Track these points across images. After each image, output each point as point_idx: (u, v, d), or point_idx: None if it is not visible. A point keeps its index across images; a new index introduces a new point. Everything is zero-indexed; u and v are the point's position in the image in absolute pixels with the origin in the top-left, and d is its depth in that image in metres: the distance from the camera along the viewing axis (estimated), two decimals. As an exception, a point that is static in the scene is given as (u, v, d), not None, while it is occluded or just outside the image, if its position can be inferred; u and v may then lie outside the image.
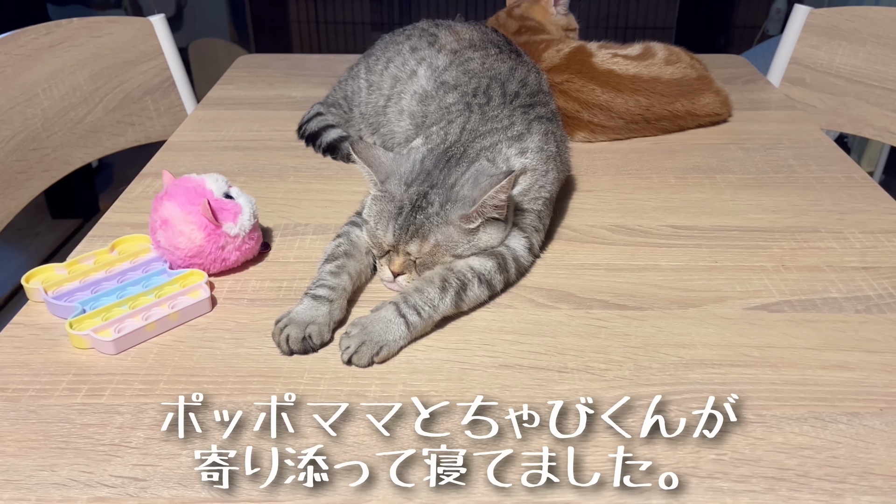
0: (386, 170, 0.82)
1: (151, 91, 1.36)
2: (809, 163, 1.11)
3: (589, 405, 0.65)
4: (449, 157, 0.83)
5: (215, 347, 0.75)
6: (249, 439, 0.63)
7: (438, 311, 0.76)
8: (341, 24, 3.96)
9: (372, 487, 0.59)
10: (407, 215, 0.79)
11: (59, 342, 0.75)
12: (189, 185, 0.84)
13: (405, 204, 0.80)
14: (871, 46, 1.34)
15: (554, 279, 0.85)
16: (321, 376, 0.71)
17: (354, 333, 0.73)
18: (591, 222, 0.97)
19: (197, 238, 0.82)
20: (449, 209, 0.79)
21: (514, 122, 0.90)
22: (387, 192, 0.82)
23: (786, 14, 3.48)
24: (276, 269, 0.88)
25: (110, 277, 0.84)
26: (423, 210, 0.79)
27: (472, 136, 0.87)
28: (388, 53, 1.14)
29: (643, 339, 0.75)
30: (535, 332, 0.77)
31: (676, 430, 0.64)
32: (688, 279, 0.85)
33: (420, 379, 0.70)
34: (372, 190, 0.84)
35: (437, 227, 0.79)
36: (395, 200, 0.81)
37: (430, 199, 0.79)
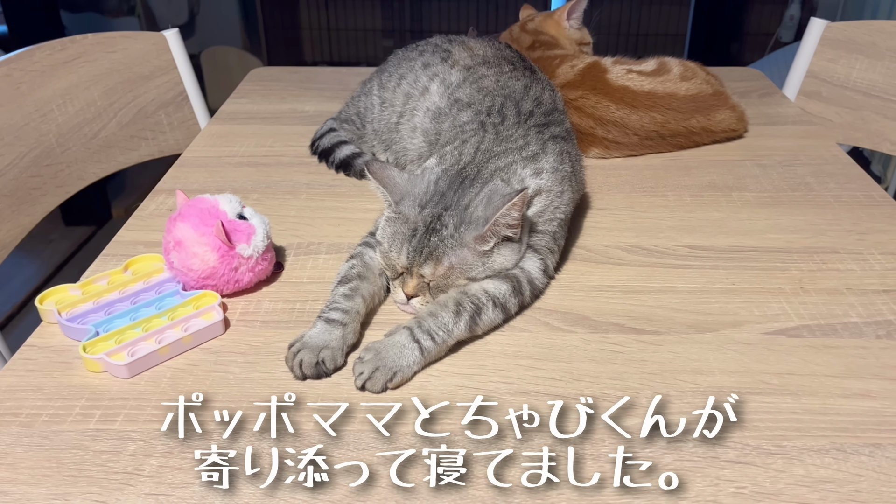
0: (401, 190, 0.82)
1: (165, 105, 1.36)
2: (827, 180, 1.10)
3: (589, 405, 0.66)
4: (463, 178, 0.83)
5: (228, 371, 0.74)
6: (249, 439, 0.64)
7: (452, 335, 0.75)
8: (352, 31, 3.97)
9: (372, 487, 0.59)
10: (421, 237, 0.79)
11: (73, 365, 0.75)
12: (203, 206, 0.84)
13: (419, 226, 0.79)
14: (889, 61, 1.33)
15: (569, 301, 0.85)
16: (336, 403, 0.70)
17: (368, 359, 0.72)
18: (605, 242, 0.96)
19: (210, 260, 0.82)
20: (463, 231, 0.78)
21: (529, 143, 0.89)
22: (401, 214, 0.81)
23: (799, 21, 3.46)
24: (289, 289, 0.87)
25: (124, 298, 0.83)
26: (438, 232, 0.79)
27: (487, 156, 0.86)
28: (400, 70, 1.13)
29: (660, 366, 0.74)
30: (550, 356, 0.76)
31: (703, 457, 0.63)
32: (705, 302, 0.84)
33: (433, 406, 0.70)
34: (386, 211, 0.83)
35: (451, 249, 0.78)
36: (409, 222, 0.80)
37: (444, 222, 0.79)
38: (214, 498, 0.60)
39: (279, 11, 3.78)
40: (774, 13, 3.59)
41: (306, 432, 0.65)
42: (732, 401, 0.67)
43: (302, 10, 3.98)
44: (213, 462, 0.61)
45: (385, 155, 1.15)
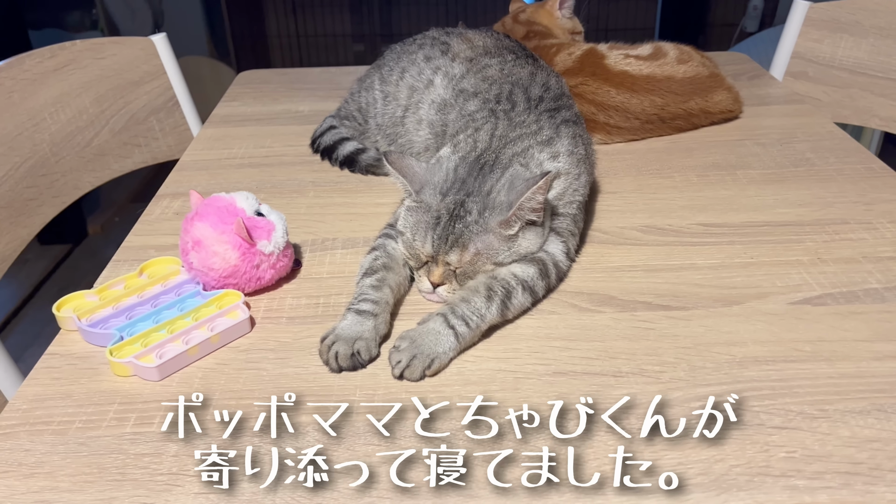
0: (420, 179, 0.81)
1: (156, 111, 1.34)
2: (827, 155, 1.12)
3: (589, 405, 0.65)
4: (482, 165, 0.83)
5: (261, 368, 0.73)
6: (249, 439, 0.63)
7: (486, 320, 0.75)
8: (322, 36, 3.95)
9: (372, 487, 0.59)
10: (445, 225, 0.78)
11: (99, 371, 0.73)
12: (220, 205, 0.83)
13: (443, 213, 0.79)
14: (874, 38, 1.36)
15: (593, 283, 0.85)
16: (373, 392, 0.70)
17: (404, 347, 0.72)
18: (620, 224, 0.96)
19: (231, 258, 0.80)
20: (487, 216, 0.78)
21: (543, 127, 0.89)
22: (423, 203, 0.80)
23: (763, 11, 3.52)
24: (311, 285, 0.86)
25: (144, 302, 0.82)
26: (462, 219, 0.78)
27: (503, 142, 0.86)
28: (401, 63, 1.13)
29: (693, 339, 0.75)
30: (583, 337, 0.76)
31: (749, 424, 0.63)
32: (727, 276, 0.85)
33: (474, 390, 0.69)
34: (406, 200, 0.83)
35: (476, 235, 0.78)
36: (431, 210, 0.80)
37: (467, 208, 0.79)
38: (264, 497, 0.59)
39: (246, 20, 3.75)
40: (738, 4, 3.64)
41: (306, 432, 0.64)
42: (732, 400, 0.67)
43: (269, 18, 3.95)
44: (214, 462, 0.61)
45: (389, 149, 1.15)
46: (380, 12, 3.96)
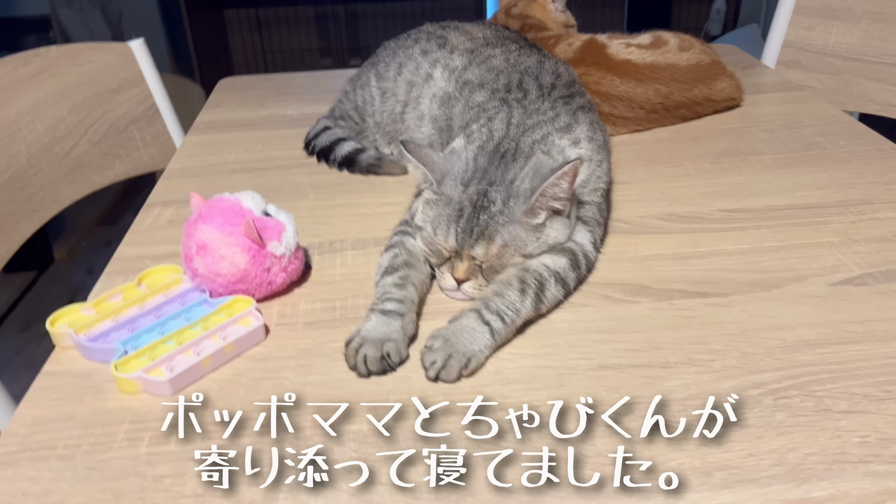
0: (440, 169, 0.77)
1: (136, 120, 1.28)
2: (836, 138, 1.10)
3: (588, 405, 0.62)
4: (503, 153, 0.78)
5: (283, 377, 0.67)
6: (249, 439, 0.60)
7: (521, 315, 0.71)
8: (288, 51, 3.90)
9: (372, 487, 0.56)
10: (469, 217, 0.74)
11: (104, 388, 0.67)
12: (225, 205, 0.77)
13: (465, 205, 0.74)
14: (867, 23, 1.35)
15: (622, 273, 0.81)
16: (408, 396, 0.64)
17: (438, 347, 0.67)
18: (640, 213, 0.93)
19: (241, 261, 0.75)
20: (513, 206, 0.74)
21: (559, 114, 0.85)
22: (443, 194, 0.76)
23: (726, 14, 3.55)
24: (324, 289, 0.81)
25: (146, 313, 0.75)
26: (486, 209, 0.74)
27: (520, 130, 0.82)
28: (398, 59, 1.08)
29: (738, 326, 0.71)
30: (622, 328, 0.72)
31: (815, 410, 0.60)
32: (759, 261, 0.81)
33: (517, 389, 0.65)
34: (425, 192, 0.78)
35: (502, 226, 0.73)
36: (452, 202, 0.75)
37: (491, 198, 0.74)
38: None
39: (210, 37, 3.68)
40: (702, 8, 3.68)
41: (306, 432, 0.61)
42: (732, 401, 0.63)
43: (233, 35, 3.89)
44: (213, 462, 0.58)
45: (389, 148, 1.10)
46: (346, 26, 3.92)
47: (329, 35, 4.00)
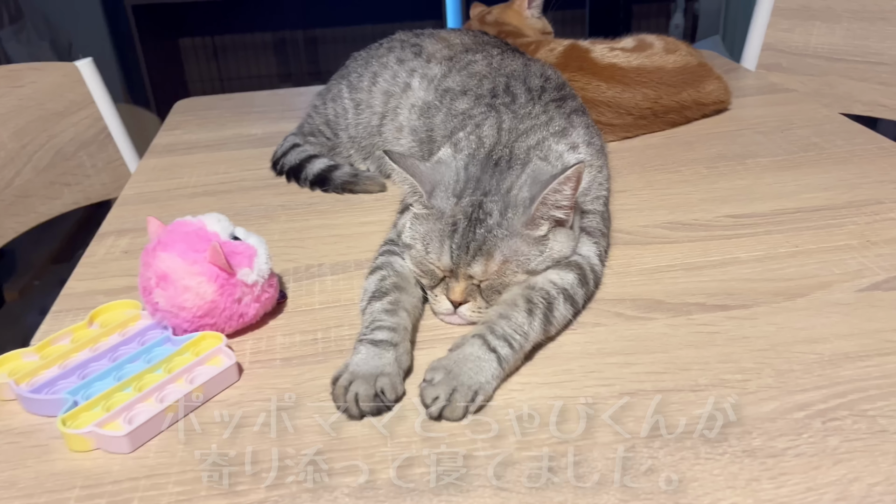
0: (429, 180, 0.69)
1: (86, 145, 1.18)
2: (833, 138, 1.05)
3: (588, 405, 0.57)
4: (496, 161, 0.71)
5: (262, 423, 0.58)
6: (250, 439, 0.56)
7: (529, 339, 0.63)
8: (246, 78, 3.81)
9: (372, 487, 0.52)
10: (464, 231, 0.66)
11: (50, 447, 0.57)
12: (188, 230, 0.68)
13: (459, 219, 0.67)
14: (848, 22, 1.32)
15: (632, 287, 0.74)
16: (409, 440, 0.56)
17: (439, 380, 0.59)
18: (641, 223, 0.86)
19: (207, 292, 0.66)
20: (512, 217, 0.66)
21: (553, 118, 0.78)
22: (433, 208, 0.68)
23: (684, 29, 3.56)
24: (302, 319, 0.72)
25: (99, 356, 0.66)
26: (482, 222, 0.66)
27: (513, 135, 0.75)
28: (371, 68, 1.01)
29: (767, 340, 0.64)
30: (640, 349, 0.64)
31: (870, 431, 0.53)
32: (777, 268, 0.75)
33: (532, 426, 0.57)
34: (413, 207, 0.70)
35: (501, 240, 0.66)
36: (445, 217, 0.67)
37: (487, 209, 0.67)
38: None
39: (164, 65, 3.57)
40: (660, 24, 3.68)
41: (306, 432, 0.57)
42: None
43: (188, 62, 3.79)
44: (214, 462, 0.55)
45: (365, 164, 1.02)
46: (306, 51, 3.86)
47: (288, 60, 3.93)
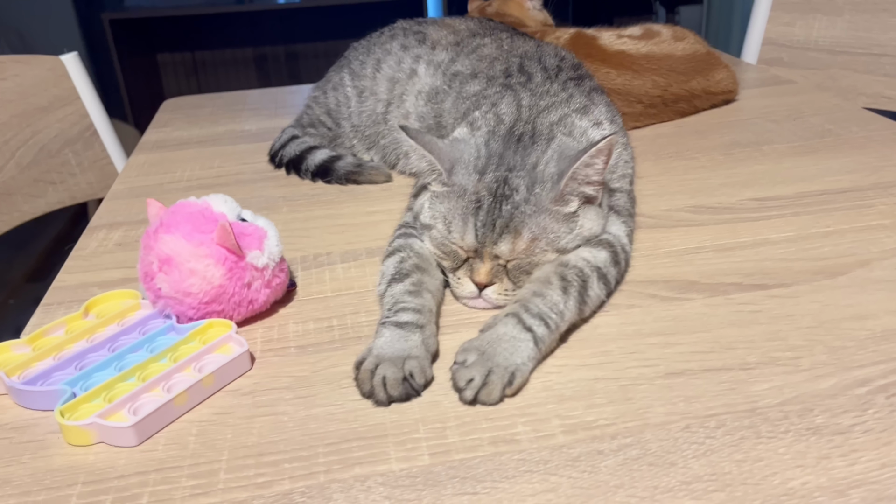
0: (448, 157, 0.65)
1: (71, 142, 1.13)
2: (847, 125, 1.03)
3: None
4: (519, 136, 0.67)
5: (280, 412, 0.53)
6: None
7: (565, 319, 0.59)
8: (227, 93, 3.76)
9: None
10: (489, 208, 0.62)
11: (48, 442, 0.52)
12: (192, 210, 0.63)
13: (483, 195, 0.63)
14: (850, 14, 1.30)
15: (662, 269, 0.70)
16: (443, 425, 0.51)
17: (473, 361, 0.54)
18: (663, 207, 0.83)
19: (215, 276, 0.61)
20: (539, 193, 0.62)
21: (573, 95, 0.75)
22: (455, 185, 0.64)
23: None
24: (315, 307, 0.67)
25: (97, 347, 0.61)
26: (509, 198, 0.62)
27: (534, 112, 0.71)
28: (374, 55, 0.97)
29: (813, 318, 0.61)
30: (681, 329, 0.60)
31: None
32: (812, 248, 0.72)
33: (576, 407, 0.52)
34: (432, 185, 0.66)
35: (529, 216, 0.62)
36: (467, 194, 0.63)
37: (513, 185, 0.63)
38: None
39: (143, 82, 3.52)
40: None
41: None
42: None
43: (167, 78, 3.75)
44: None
45: (369, 154, 0.98)
46: (287, 66, 3.83)
47: (269, 76, 3.90)
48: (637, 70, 1.03)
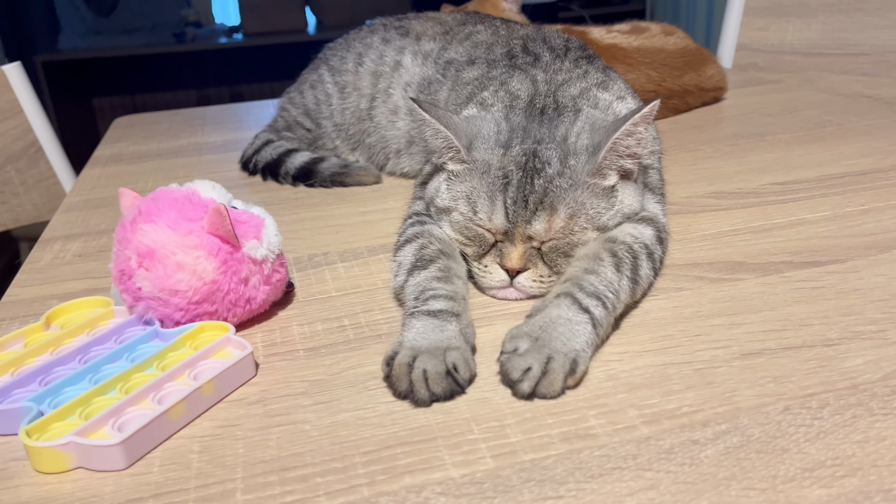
0: (465, 133, 0.58)
1: (13, 159, 1.02)
2: (846, 116, 1.00)
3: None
4: (542, 109, 0.61)
5: (299, 420, 0.44)
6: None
7: (621, 299, 0.52)
8: (169, 135, 3.65)
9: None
10: (519, 184, 0.55)
11: (11, 470, 0.42)
12: (176, 196, 0.54)
13: (511, 170, 0.55)
14: (824, 15, 1.30)
15: (701, 252, 0.64)
16: (500, 423, 0.43)
17: (527, 349, 0.46)
18: (682, 194, 0.77)
19: (207, 270, 0.52)
20: (575, 165, 0.55)
21: (588, 71, 0.69)
22: (477, 161, 0.57)
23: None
24: (319, 307, 0.59)
25: (64, 360, 0.50)
26: (540, 172, 0.55)
27: (553, 86, 0.65)
28: (355, 50, 0.90)
29: (883, 291, 0.55)
30: (744, 308, 0.54)
31: None
32: (856, 224, 0.67)
33: (652, 395, 0.45)
34: (449, 165, 0.59)
35: (565, 191, 0.55)
36: (492, 169, 0.56)
37: (544, 158, 0.56)
38: None
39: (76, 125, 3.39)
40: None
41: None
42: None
43: (103, 122, 3.62)
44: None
45: (354, 154, 0.90)
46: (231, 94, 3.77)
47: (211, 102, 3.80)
48: (630, 63, 0.98)
